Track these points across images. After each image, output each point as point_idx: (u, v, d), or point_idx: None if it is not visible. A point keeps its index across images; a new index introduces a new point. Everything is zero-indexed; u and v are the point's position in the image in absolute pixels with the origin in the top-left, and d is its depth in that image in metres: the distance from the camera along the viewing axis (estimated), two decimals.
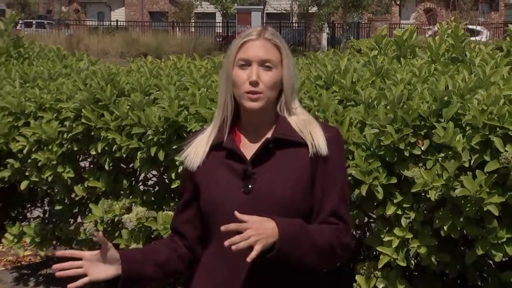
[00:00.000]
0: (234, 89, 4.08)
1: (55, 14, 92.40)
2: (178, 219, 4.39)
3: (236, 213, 3.90)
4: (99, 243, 4.15)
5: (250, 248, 3.87)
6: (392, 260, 7.68)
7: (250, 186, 4.04)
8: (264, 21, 53.92)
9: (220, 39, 58.43)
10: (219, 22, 69.03)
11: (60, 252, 3.91)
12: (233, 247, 3.87)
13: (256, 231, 3.86)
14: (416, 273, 8.00)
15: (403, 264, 7.67)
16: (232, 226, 3.87)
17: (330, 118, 7.83)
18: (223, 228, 3.89)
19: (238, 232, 3.89)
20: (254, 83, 3.97)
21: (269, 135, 4.12)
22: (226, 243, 3.87)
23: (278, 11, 60.79)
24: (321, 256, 3.99)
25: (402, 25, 51.01)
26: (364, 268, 7.94)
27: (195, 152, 4.19)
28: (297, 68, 4.19)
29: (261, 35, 4.12)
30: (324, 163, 4.06)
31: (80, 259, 4.19)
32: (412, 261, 7.94)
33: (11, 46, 12.74)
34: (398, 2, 59.31)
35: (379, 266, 7.80)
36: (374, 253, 7.87)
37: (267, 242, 3.88)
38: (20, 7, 59.07)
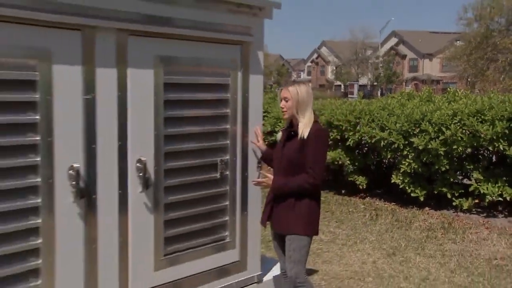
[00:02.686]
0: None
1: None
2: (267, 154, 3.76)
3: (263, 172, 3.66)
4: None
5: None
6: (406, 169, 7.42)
7: (282, 151, 3.51)
8: (358, 89, 51.97)
9: (342, 95, 54.11)
10: (341, 89, 65.87)
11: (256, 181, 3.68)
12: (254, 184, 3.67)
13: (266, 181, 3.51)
14: (412, 175, 7.63)
15: (409, 171, 7.42)
16: (259, 180, 3.59)
17: (385, 119, 7.62)
18: (263, 173, 3.64)
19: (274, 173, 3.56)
20: (282, 108, 3.52)
21: (292, 130, 3.54)
22: (254, 183, 3.64)
23: (363, 84, 58.20)
24: (294, 190, 3.40)
25: (407, 90, 48.58)
26: (395, 171, 7.79)
27: (279, 135, 3.67)
28: (306, 101, 3.59)
29: (287, 86, 3.59)
30: (305, 145, 3.38)
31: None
32: (411, 170, 7.49)
33: (276, 95, 12.65)
34: (405, 83, 56.15)
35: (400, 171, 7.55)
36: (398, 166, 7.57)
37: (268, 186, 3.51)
38: (277, 83, 56.88)
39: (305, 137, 3.39)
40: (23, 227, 2.66)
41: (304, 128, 3.42)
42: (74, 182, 2.75)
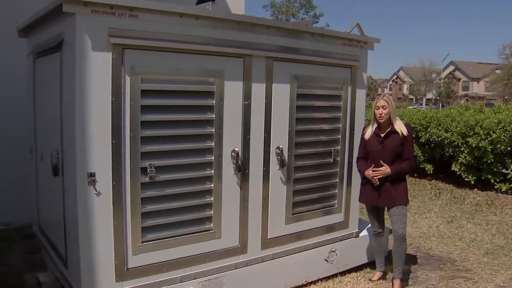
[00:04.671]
0: (376, 115, 3.09)
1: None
2: (362, 154, 3.20)
3: (382, 162, 3.07)
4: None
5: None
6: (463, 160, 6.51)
7: (382, 146, 3.06)
8: (426, 102, 45.92)
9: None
10: (413, 101, 53.41)
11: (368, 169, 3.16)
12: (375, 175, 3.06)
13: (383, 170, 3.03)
14: (467, 165, 6.75)
15: (464, 162, 6.51)
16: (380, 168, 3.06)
17: (448, 124, 6.71)
18: (382, 163, 3.06)
19: (379, 164, 3.08)
20: (380, 114, 3.05)
21: (388, 129, 3.09)
22: (376, 174, 3.06)
23: (429, 98, 50.13)
24: (403, 172, 3.05)
25: (461, 103, 42.88)
26: (454, 162, 6.88)
27: (367, 133, 3.14)
28: (395, 108, 3.15)
29: (382, 97, 3.11)
30: (405, 140, 3.04)
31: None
32: (466, 161, 6.61)
33: (369, 105, 9.15)
34: (459, 98, 48.85)
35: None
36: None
37: (386, 174, 3.03)
38: (368, 95, 44.34)
39: (406, 134, 3.06)
40: (203, 188, 2.58)
41: (401, 128, 3.08)
42: (234, 160, 2.64)
